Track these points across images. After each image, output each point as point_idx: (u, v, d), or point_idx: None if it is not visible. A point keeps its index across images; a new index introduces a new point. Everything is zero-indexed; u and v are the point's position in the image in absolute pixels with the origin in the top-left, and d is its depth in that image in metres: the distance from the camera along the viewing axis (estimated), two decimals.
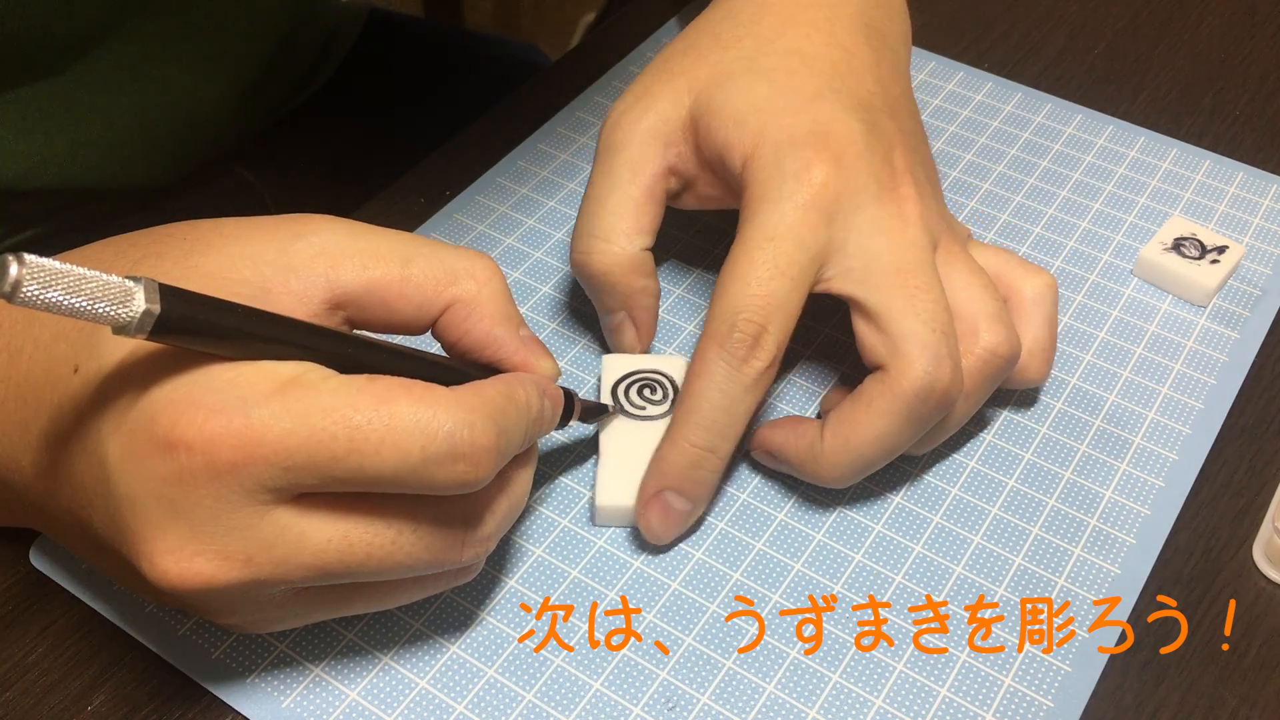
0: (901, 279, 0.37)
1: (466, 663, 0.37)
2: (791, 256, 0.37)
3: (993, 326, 0.39)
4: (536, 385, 0.34)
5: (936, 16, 0.62)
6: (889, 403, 0.37)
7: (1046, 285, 0.42)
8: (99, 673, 0.37)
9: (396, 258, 0.32)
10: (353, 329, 0.33)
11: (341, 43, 0.70)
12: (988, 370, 0.39)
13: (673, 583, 0.39)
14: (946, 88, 0.57)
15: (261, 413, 0.28)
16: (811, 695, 0.36)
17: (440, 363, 0.34)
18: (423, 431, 0.29)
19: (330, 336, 0.30)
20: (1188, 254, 0.48)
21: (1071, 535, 0.40)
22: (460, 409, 0.29)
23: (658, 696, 0.36)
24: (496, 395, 0.31)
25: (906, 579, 0.39)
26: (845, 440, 0.38)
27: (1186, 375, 0.45)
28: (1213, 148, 0.54)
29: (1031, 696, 0.36)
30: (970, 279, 0.39)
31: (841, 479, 0.39)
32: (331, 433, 0.28)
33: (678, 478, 0.38)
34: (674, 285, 0.48)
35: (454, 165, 0.54)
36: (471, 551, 0.33)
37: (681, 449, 0.37)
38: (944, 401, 0.37)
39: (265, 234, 0.32)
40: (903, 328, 0.37)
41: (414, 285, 0.33)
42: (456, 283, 0.33)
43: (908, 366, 0.37)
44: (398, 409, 0.29)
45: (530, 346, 0.35)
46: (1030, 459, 0.42)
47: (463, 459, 0.29)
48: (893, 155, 0.40)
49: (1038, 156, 0.54)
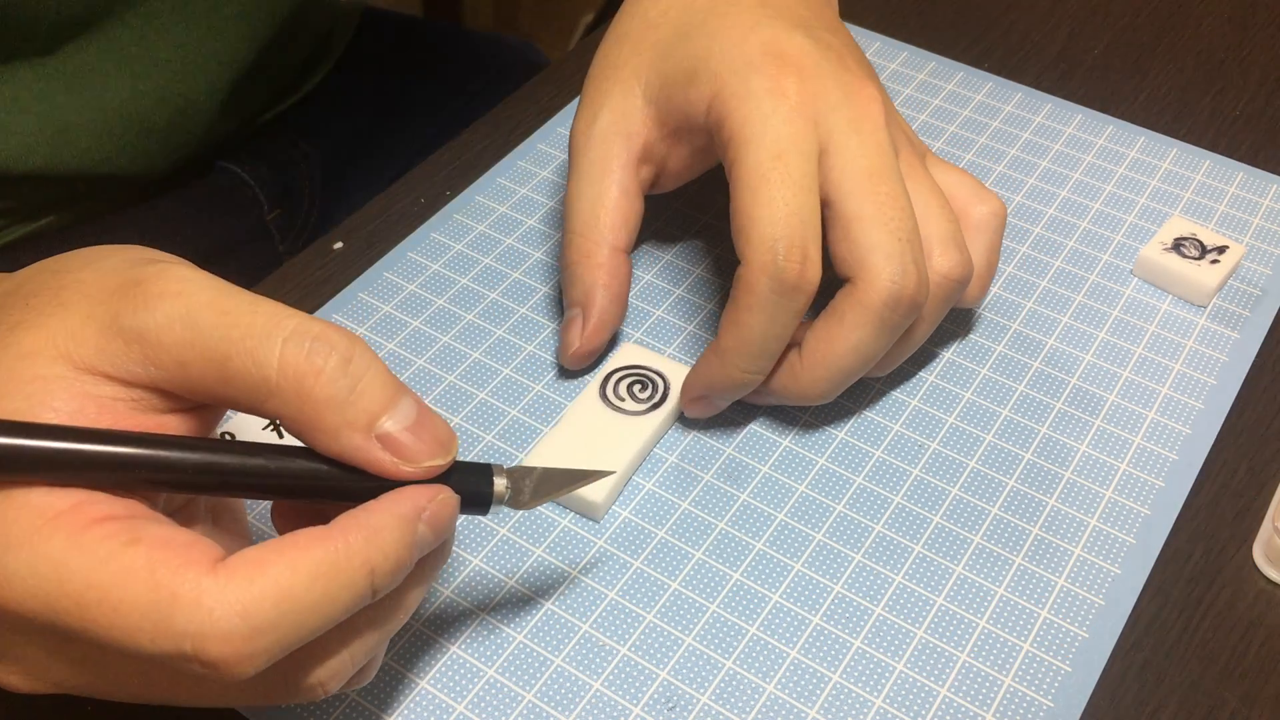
0: (873, 184, 0.38)
1: (466, 662, 0.37)
2: (803, 168, 0.38)
3: (947, 250, 0.40)
4: (398, 520, 0.28)
5: (936, 16, 0.62)
6: (860, 314, 0.38)
7: (994, 212, 0.43)
8: None
9: (214, 356, 0.28)
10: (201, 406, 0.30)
11: (337, 40, 0.70)
12: (941, 293, 0.40)
13: (673, 582, 0.39)
14: (946, 88, 0.57)
15: (9, 564, 0.26)
16: (812, 695, 0.36)
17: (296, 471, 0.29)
18: (153, 626, 0.26)
19: (141, 444, 0.27)
20: (1188, 254, 0.48)
21: (1071, 535, 0.40)
22: (208, 601, 0.26)
23: (658, 696, 0.36)
24: (281, 578, 0.26)
25: (906, 579, 0.39)
26: (823, 356, 0.39)
27: (1186, 375, 0.45)
28: (1212, 148, 0.54)
29: (1031, 696, 0.36)
30: (928, 198, 0.41)
31: (822, 394, 0.40)
32: (65, 607, 0.26)
33: (724, 390, 0.40)
34: (674, 285, 0.48)
35: (454, 165, 0.54)
36: (297, 698, 0.29)
37: (732, 373, 0.39)
38: (912, 308, 0.39)
39: (95, 305, 0.28)
40: (870, 239, 0.38)
41: (235, 388, 0.28)
42: (277, 395, 0.28)
43: (875, 277, 0.38)
44: (127, 594, 0.26)
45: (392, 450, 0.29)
46: (1030, 459, 0.42)
47: (196, 661, 0.26)
48: (846, 61, 0.41)
49: (1038, 156, 0.54)
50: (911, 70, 0.58)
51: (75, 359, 0.28)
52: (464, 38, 0.79)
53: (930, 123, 0.55)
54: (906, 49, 0.59)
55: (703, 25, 0.42)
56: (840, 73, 0.40)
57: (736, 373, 0.39)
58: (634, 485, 0.41)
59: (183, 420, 0.30)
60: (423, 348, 0.46)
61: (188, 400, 0.29)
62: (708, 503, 0.41)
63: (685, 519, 0.40)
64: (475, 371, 0.45)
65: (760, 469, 0.42)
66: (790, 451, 0.42)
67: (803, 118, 0.38)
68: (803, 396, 0.40)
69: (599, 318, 0.43)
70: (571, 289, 0.44)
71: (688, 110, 0.41)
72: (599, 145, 0.43)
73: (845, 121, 0.39)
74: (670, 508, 0.41)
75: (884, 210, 0.38)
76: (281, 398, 0.28)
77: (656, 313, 0.47)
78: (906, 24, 0.61)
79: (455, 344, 0.46)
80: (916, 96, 0.57)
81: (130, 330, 0.28)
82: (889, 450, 0.42)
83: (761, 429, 0.43)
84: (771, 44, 0.40)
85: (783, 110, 0.38)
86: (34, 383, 0.28)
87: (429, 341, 0.46)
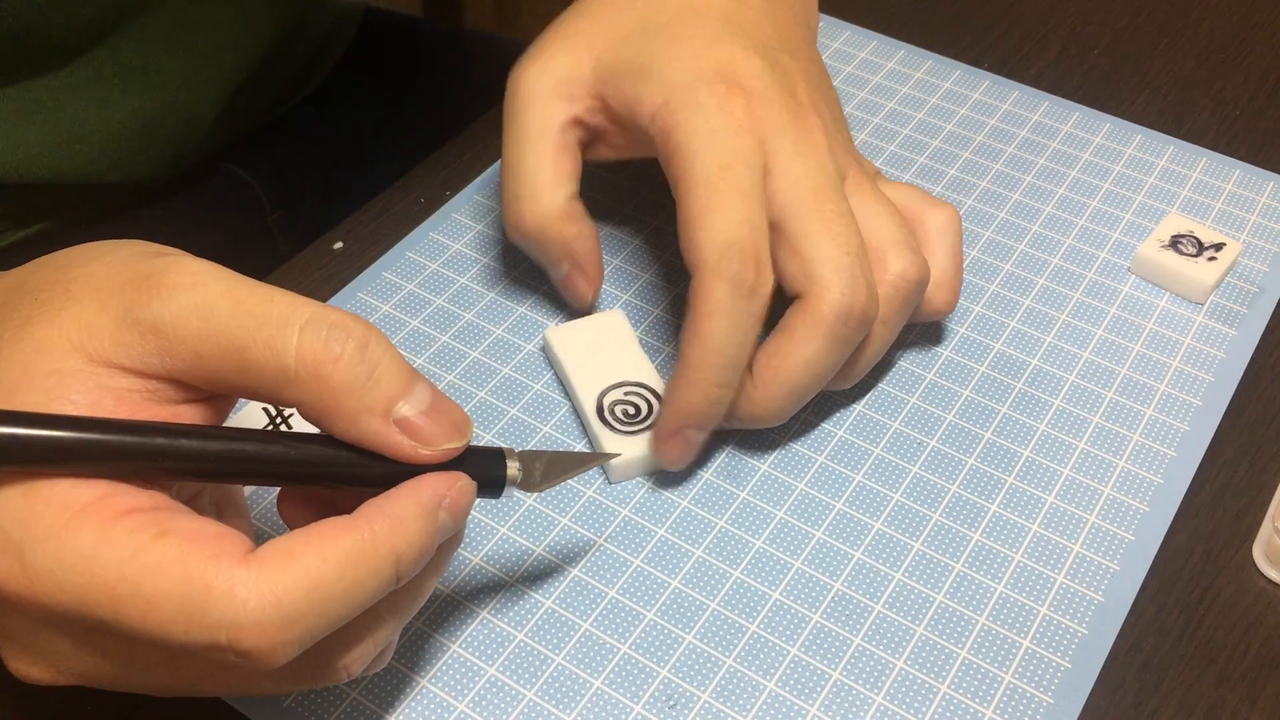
0: (819, 203, 0.38)
1: (467, 661, 0.37)
2: (750, 178, 0.38)
3: (900, 253, 0.40)
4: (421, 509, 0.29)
5: (936, 16, 0.62)
6: (811, 328, 0.38)
7: (949, 219, 0.43)
8: None
9: (231, 346, 0.28)
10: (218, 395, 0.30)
11: (338, 41, 0.70)
12: (899, 296, 0.40)
13: (673, 581, 0.39)
14: (944, 86, 0.57)
15: (37, 558, 0.26)
16: (812, 692, 0.36)
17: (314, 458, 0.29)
18: (187, 618, 0.26)
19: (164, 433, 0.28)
20: (1185, 251, 0.48)
21: (1070, 532, 0.40)
22: (241, 592, 0.26)
23: (659, 694, 0.36)
24: (312, 568, 0.27)
25: (906, 576, 0.39)
26: (775, 373, 0.39)
27: (1184, 372, 0.45)
28: (1212, 148, 0.54)
29: (1031, 693, 0.36)
30: (877, 208, 0.41)
31: (777, 413, 0.40)
32: (97, 600, 0.26)
33: (699, 416, 0.39)
34: (676, 283, 0.48)
35: (454, 165, 0.54)
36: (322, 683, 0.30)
37: (703, 390, 0.38)
38: (863, 321, 0.38)
39: (108, 297, 0.28)
40: (818, 253, 0.38)
41: (253, 377, 0.28)
42: (296, 382, 0.28)
43: (824, 290, 0.38)
44: (160, 586, 0.26)
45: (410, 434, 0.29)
46: (1029, 456, 0.42)
47: (230, 652, 0.26)
48: (796, 90, 0.41)
49: (1035, 154, 0.54)
50: (909, 69, 0.58)
51: (90, 351, 0.28)
52: (464, 38, 0.79)
53: (928, 121, 0.56)
54: (904, 47, 0.59)
55: (665, 27, 0.42)
56: (787, 99, 0.40)
57: (707, 387, 0.38)
58: (634, 484, 0.41)
59: (197, 410, 0.30)
60: (422, 347, 0.46)
61: (202, 391, 0.29)
62: (707, 501, 0.41)
63: (685, 517, 0.40)
64: (475, 371, 0.45)
65: (759, 467, 0.42)
66: (789, 450, 0.42)
67: (749, 134, 0.39)
68: (757, 418, 0.40)
69: (592, 262, 0.44)
70: (547, 250, 0.44)
71: (633, 106, 0.41)
72: (541, 102, 0.43)
73: (789, 144, 0.39)
74: (670, 506, 0.41)
75: (830, 227, 0.38)
76: (300, 385, 0.28)
77: (655, 312, 0.47)
78: (906, 24, 0.61)
79: (454, 343, 0.46)
80: (914, 95, 0.57)
81: (145, 322, 0.28)
82: (887, 448, 0.43)
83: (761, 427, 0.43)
84: (726, 65, 0.40)
85: (731, 125, 0.38)
86: (50, 376, 0.28)
87: (428, 341, 0.46)
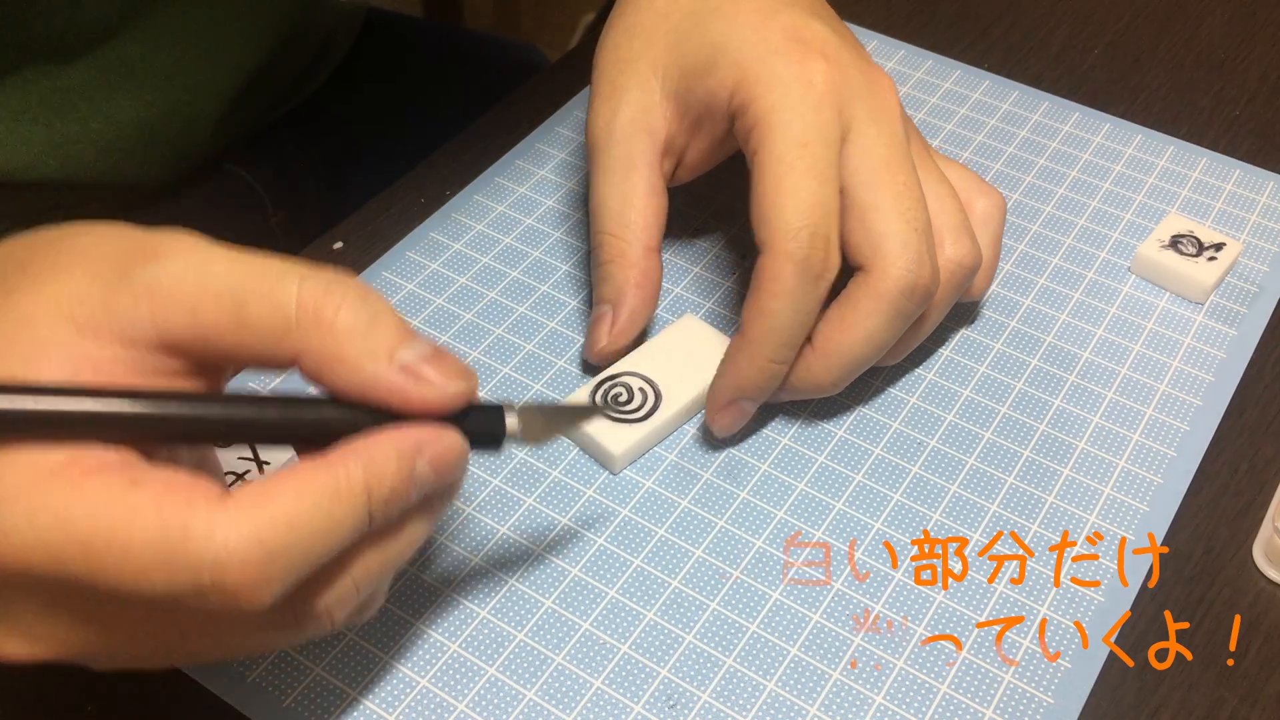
0: (890, 174, 0.39)
1: (468, 661, 0.37)
2: (827, 158, 0.38)
3: (959, 238, 0.41)
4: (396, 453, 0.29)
5: (936, 16, 0.62)
6: (875, 303, 0.38)
7: (995, 205, 0.44)
8: (95, 675, 0.37)
9: (229, 300, 0.28)
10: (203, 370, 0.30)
11: (340, 42, 0.70)
12: (953, 281, 0.41)
13: (673, 581, 0.39)
14: (944, 86, 0.57)
15: (6, 518, 0.26)
16: (812, 692, 0.36)
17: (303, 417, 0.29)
18: (165, 562, 0.25)
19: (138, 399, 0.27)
20: (1185, 251, 0.48)
21: (1071, 531, 0.40)
22: (221, 532, 0.26)
23: (659, 694, 0.36)
24: (288, 505, 0.27)
25: (906, 575, 0.39)
26: (837, 345, 0.39)
27: (1184, 372, 0.45)
28: (1212, 148, 0.54)
29: (1032, 693, 0.36)
30: (939, 189, 0.41)
31: (835, 383, 0.40)
32: (71, 554, 0.26)
33: (754, 389, 0.39)
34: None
35: (454, 165, 0.54)
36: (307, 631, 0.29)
37: (760, 365, 0.39)
38: (925, 298, 0.39)
39: (99, 264, 0.28)
40: (887, 226, 0.38)
41: (252, 331, 0.28)
42: (297, 330, 0.28)
43: (890, 265, 0.38)
44: (137, 534, 0.25)
45: (414, 377, 0.29)
46: (1029, 456, 0.42)
47: (214, 592, 0.26)
48: (861, 50, 0.41)
49: (1035, 154, 0.54)
50: (909, 69, 0.58)
51: (79, 319, 0.27)
52: (464, 38, 0.79)
53: (928, 121, 0.56)
54: (904, 47, 0.59)
55: (718, 11, 0.42)
56: (859, 60, 0.41)
57: (765, 363, 0.39)
58: (633, 484, 0.41)
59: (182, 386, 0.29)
60: None
61: (190, 358, 0.29)
62: (708, 500, 0.41)
63: (685, 517, 0.41)
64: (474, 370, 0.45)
65: (760, 467, 0.42)
66: (790, 449, 0.42)
67: (829, 106, 0.39)
68: (817, 387, 0.40)
69: (629, 317, 0.43)
70: (603, 286, 0.43)
71: (708, 100, 0.41)
72: (622, 142, 0.43)
73: (866, 110, 0.39)
74: (670, 505, 0.41)
75: (900, 201, 0.39)
76: (301, 332, 0.28)
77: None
78: (906, 24, 0.61)
79: (454, 343, 0.46)
80: (914, 95, 0.57)
81: (140, 283, 0.28)
82: (888, 448, 0.43)
83: (761, 427, 0.43)
84: (793, 30, 0.40)
85: (811, 98, 0.39)
86: (30, 345, 0.27)
87: None
